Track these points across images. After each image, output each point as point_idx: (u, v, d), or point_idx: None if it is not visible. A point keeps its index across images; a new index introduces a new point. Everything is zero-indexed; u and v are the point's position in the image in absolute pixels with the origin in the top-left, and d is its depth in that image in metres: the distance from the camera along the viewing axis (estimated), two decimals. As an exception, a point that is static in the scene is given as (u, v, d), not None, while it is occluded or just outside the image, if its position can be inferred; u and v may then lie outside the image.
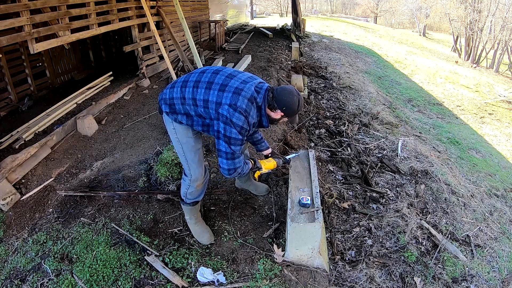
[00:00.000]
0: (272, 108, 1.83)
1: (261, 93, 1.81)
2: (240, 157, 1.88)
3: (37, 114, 3.76)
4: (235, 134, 1.75)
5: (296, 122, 2.12)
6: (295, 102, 1.81)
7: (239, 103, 1.72)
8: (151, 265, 2.09)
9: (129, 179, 2.88)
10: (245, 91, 1.76)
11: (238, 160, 1.87)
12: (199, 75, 1.86)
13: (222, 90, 1.76)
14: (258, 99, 1.80)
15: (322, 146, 3.60)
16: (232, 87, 1.76)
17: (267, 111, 1.86)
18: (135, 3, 4.97)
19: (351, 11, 34.64)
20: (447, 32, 22.68)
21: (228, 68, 1.91)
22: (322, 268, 2.05)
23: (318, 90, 5.44)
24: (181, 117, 1.91)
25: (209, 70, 1.88)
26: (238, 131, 1.75)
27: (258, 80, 1.88)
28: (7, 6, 2.94)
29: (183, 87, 1.85)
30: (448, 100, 7.30)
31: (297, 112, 1.88)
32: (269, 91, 1.83)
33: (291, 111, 1.84)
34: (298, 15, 10.01)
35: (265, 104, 1.83)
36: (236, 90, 1.75)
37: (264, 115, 1.86)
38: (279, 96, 1.80)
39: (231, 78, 1.81)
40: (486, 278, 2.30)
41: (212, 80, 1.81)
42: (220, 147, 1.80)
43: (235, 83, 1.78)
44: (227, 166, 1.85)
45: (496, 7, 15.24)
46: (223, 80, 1.80)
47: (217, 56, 6.80)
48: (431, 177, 3.23)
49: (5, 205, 2.64)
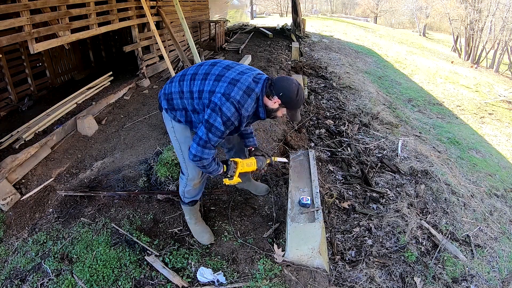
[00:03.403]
0: (269, 95, 1.77)
1: (259, 83, 1.76)
2: (212, 151, 1.81)
3: (37, 114, 3.76)
4: (219, 123, 1.70)
5: (297, 119, 1.92)
6: (294, 90, 1.74)
7: (233, 94, 1.69)
8: (151, 265, 2.09)
9: (129, 179, 2.88)
10: (241, 82, 1.72)
11: (208, 152, 1.79)
12: (197, 68, 1.86)
13: (218, 80, 1.74)
14: (257, 89, 1.75)
15: (322, 146, 3.60)
16: (229, 77, 1.74)
17: (264, 100, 1.79)
18: (135, 3, 4.97)
19: (351, 11, 34.64)
20: (447, 32, 22.68)
21: (227, 60, 1.89)
22: (322, 268, 2.05)
23: (318, 90, 5.44)
24: (180, 115, 1.90)
25: (206, 63, 1.87)
26: (223, 121, 1.70)
27: (257, 71, 1.83)
28: (7, 6, 2.94)
29: (181, 81, 1.86)
30: (448, 100, 7.30)
31: (297, 103, 1.79)
32: (269, 80, 1.79)
33: (289, 99, 1.75)
34: (298, 15, 10.01)
35: (263, 94, 1.77)
36: (232, 80, 1.72)
37: (261, 106, 1.80)
38: (277, 82, 1.75)
39: (228, 70, 1.79)
40: (486, 278, 2.30)
41: (209, 71, 1.80)
42: (198, 131, 1.76)
43: (232, 74, 1.76)
44: (194, 151, 1.78)
45: (496, 7, 15.25)
46: (220, 71, 1.78)
47: (217, 56, 6.82)
48: (431, 177, 3.23)
49: (5, 205, 2.64)
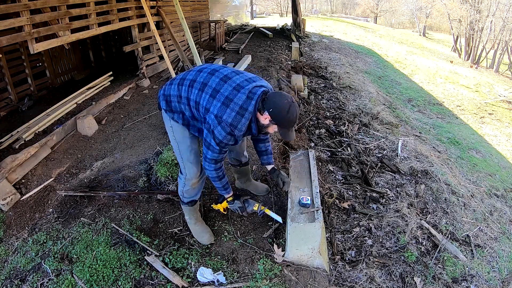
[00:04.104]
0: (260, 110, 1.71)
1: (253, 99, 1.70)
2: (214, 165, 1.88)
3: (37, 114, 3.76)
4: (214, 144, 1.77)
5: (289, 138, 1.82)
6: (284, 107, 1.65)
7: (225, 117, 1.68)
8: (151, 265, 2.09)
9: (129, 179, 2.88)
10: (235, 102, 1.69)
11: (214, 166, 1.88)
12: (196, 74, 1.85)
13: (213, 96, 1.72)
14: (250, 107, 1.70)
15: (322, 146, 3.60)
16: (223, 95, 1.70)
17: (256, 115, 1.73)
18: (135, 3, 4.98)
19: (351, 11, 34.62)
20: (447, 32, 22.68)
21: (225, 69, 1.84)
22: (322, 268, 2.05)
23: (318, 90, 5.44)
24: (177, 117, 1.91)
25: (206, 70, 1.85)
26: (217, 142, 1.75)
27: (253, 84, 1.74)
28: (7, 6, 2.94)
29: (180, 85, 1.85)
30: (448, 100, 7.30)
31: (287, 122, 1.70)
32: (264, 95, 1.72)
33: (278, 116, 1.67)
34: (298, 15, 10.00)
35: (255, 110, 1.71)
36: (225, 100, 1.69)
37: (253, 121, 1.75)
38: (269, 97, 1.69)
39: (225, 82, 1.74)
40: (486, 278, 2.30)
41: (207, 81, 1.78)
42: (203, 148, 1.87)
43: (227, 89, 1.72)
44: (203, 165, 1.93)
45: (496, 7, 15.25)
46: (217, 84, 1.75)
47: (217, 56, 6.80)
48: (431, 177, 3.23)
49: (5, 205, 2.64)
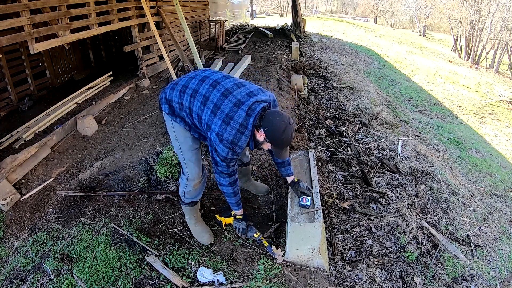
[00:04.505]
0: (257, 126, 1.72)
1: (252, 116, 1.71)
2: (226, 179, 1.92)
3: (37, 114, 3.76)
4: (219, 160, 1.82)
5: (282, 157, 1.87)
6: (280, 127, 1.65)
7: (226, 135, 1.70)
8: (151, 265, 2.09)
9: (129, 179, 2.88)
10: (235, 120, 1.70)
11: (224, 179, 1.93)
12: (198, 84, 1.83)
13: (214, 113, 1.74)
14: (249, 125, 1.71)
15: (322, 146, 3.60)
16: (223, 112, 1.71)
17: (254, 131, 1.75)
18: (135, 3, 4.98)
19: (351, 11, 34.62)
20: (447, 32, 22.67)
21: (227, 80, 1.83)
22: (322, 268, 2.05)
23: (318, 90, 5.44)
24: (179, 121, 1.93)
25: (208, 81, 1.83)
26: (221, 159, 1.80)
27: (253, 100, 1.74)
28: (7, 6, 2.94)
29: (182, 93, 1.85)
30: (448, 100, 7.30)
31: (281, 142, 1.72)
32: (263, 111, 1.73)
33: (273, 136, 1.68)
34: (298, 15, 10.01)
35: (253, 126, 1.73)
36: (226, 118, 1.71)
37: (251, 137, 1.77)
38: (267, 115, 1.70)
39: (226, 97, 1.74)
40: (486, 278, 2.30)
41: (208, 95, 1.78)
42: (212, 165, 1.94)
43: (227, 106, 1.72)
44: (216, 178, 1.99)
45: (496, 7, 15.25)
46: (218, 99, 1.75)
47: (217, 56, 6.79)
48: (431, 177, 3.23)
49: (5, 205, 2.64)
